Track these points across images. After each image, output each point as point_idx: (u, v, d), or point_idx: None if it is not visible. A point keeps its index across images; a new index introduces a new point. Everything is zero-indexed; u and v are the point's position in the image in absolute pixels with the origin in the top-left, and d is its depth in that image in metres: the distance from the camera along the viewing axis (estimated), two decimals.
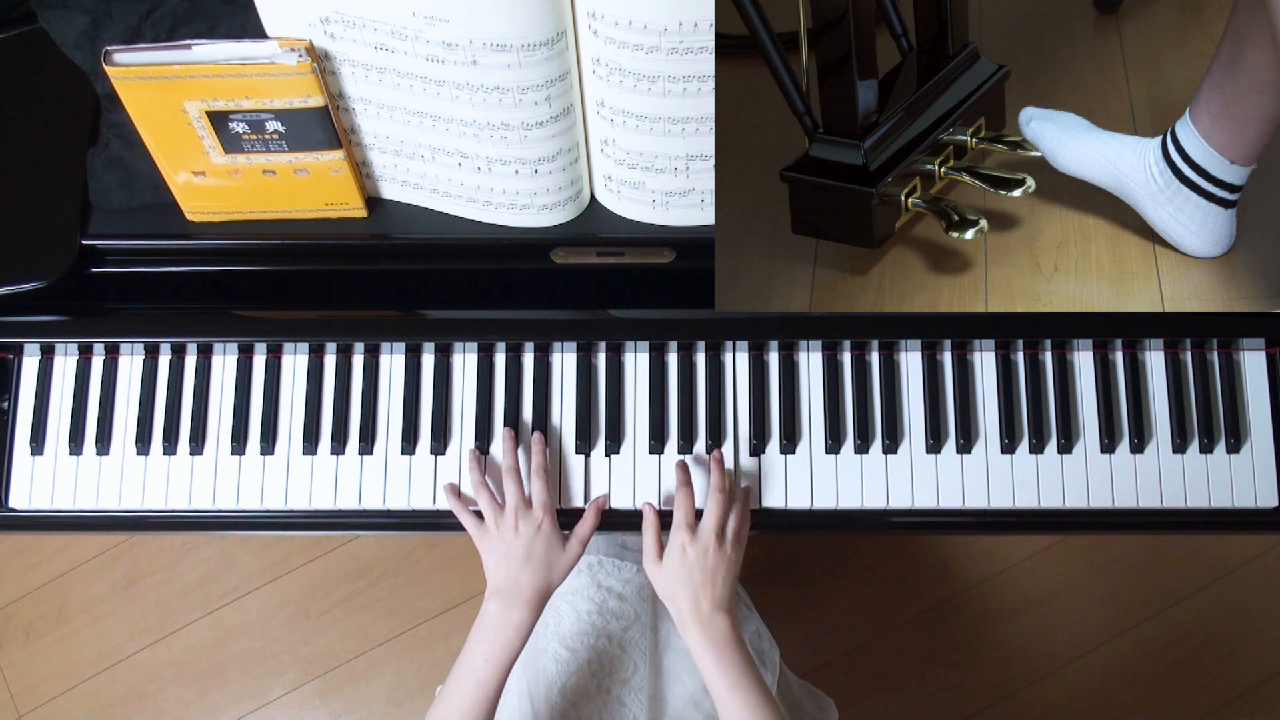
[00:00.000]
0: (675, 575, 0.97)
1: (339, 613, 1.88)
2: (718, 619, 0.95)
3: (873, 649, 1.84)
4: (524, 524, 0.99)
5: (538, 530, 0.99)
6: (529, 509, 1.00)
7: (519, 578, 0.98)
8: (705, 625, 0.95)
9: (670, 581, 0.98)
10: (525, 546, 0.98)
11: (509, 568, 0.98)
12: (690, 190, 0.95)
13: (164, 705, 1.87)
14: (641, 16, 0.79)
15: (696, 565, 0.97)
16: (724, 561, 0.97)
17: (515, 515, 1.00)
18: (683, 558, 0.97)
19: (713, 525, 0.98)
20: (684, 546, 0.98)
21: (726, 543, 0.98)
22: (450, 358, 1.10)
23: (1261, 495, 1.06)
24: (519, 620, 0.96)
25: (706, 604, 0.96)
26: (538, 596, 0.98)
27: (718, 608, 0.96)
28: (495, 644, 0.96)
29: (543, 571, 0.98)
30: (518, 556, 0.98)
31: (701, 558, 0.97)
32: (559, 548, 1.00)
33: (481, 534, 1.01)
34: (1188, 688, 1.83)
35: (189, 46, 0.86)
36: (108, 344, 1.09)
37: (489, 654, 0.96)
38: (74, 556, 1.91)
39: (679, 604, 0.97)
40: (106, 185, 0.99)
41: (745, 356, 1.09)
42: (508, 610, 0.97)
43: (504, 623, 0.96)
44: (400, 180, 0.99)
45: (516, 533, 0.99)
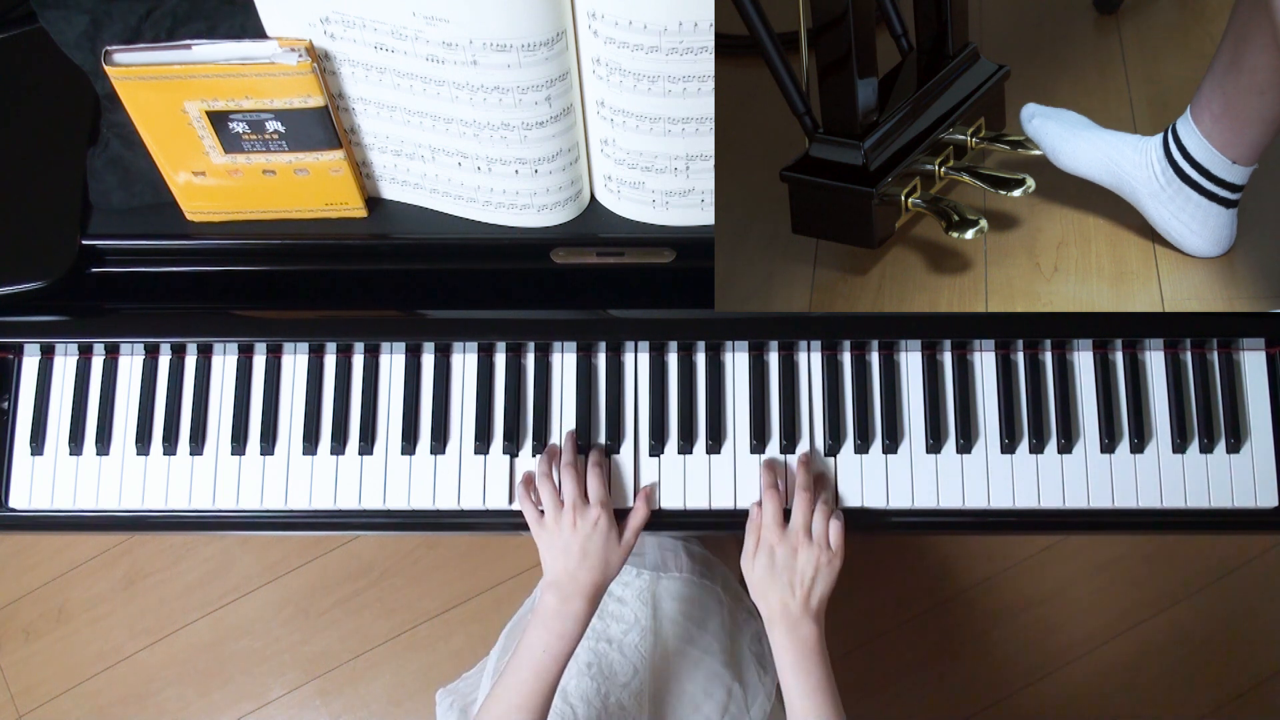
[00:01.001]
0: (765, 575, 0.98)
1: (339, 613, 1.88)
2: (804, 624, 0.96)
3: (873, 649, 1.84)
4: (581, 520, 1.00)
5: (594, 526, 0.99)
6: (586, 505, 1.01)
7: (576, 573, 0.99)
8: (792, 628, 0.96)
9: (761, 581, 0.99)
10: (582, 543, 0.99)
11: (567, 563, 0.99)
12: (690, 190, 0.95)
13: (164, 705, 1.87)
14: (641, 16, 0.79)
15: (785, 565, 0.98)
16: (814, 562, 0.98)
17: (573, 511, 1.00)
18: (771, 557, 0.99)
19: (799, 524, 0.99)
20: (773, 547, 0.99)
21: (815, 543, 0.99)
22: (450, 358, 1.10)
23: (1261, 495, 1.05)
24: (577, 612, 0.97)
25: (796, 606, 0.96)
26: (595, 590, 0.99)
27: (806, 612, 0.96)
28: (554, 634, 0.97)
29: (600, 567, 0.99)
30: (575, 552, 0.99)
31: (790, 557, 0.98)
32: (615, 543, 1.01)
33: (540, 528, 1.02)
34: (1188, 688, 1.83)
35: (189, 46, 0.86)
36: (108, 344, 1.08)
37: (547, 644, 0.97)
38: (74, 556, 1.91)
39: (769, 602, 0.98)
40: (106, 185, 0.99)
41: (745, 356, 1.09)
42: (566, 603, 0.98)
43: (562, 614, 0.97)
44: (400, 180, 0.99)
45: (575, 528, 1.00)
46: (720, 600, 1.20)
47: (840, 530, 1.00)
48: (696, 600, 1.18)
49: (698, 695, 1.10)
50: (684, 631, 1.15)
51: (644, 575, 1.18)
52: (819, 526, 1.00)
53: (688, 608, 1.17)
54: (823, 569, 0.98)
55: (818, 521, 1.00)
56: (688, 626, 1.15)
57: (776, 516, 1.00)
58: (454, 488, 1.07)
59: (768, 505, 1.01)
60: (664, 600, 1.17)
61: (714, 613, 1.18)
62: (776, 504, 1.01)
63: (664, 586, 1.18)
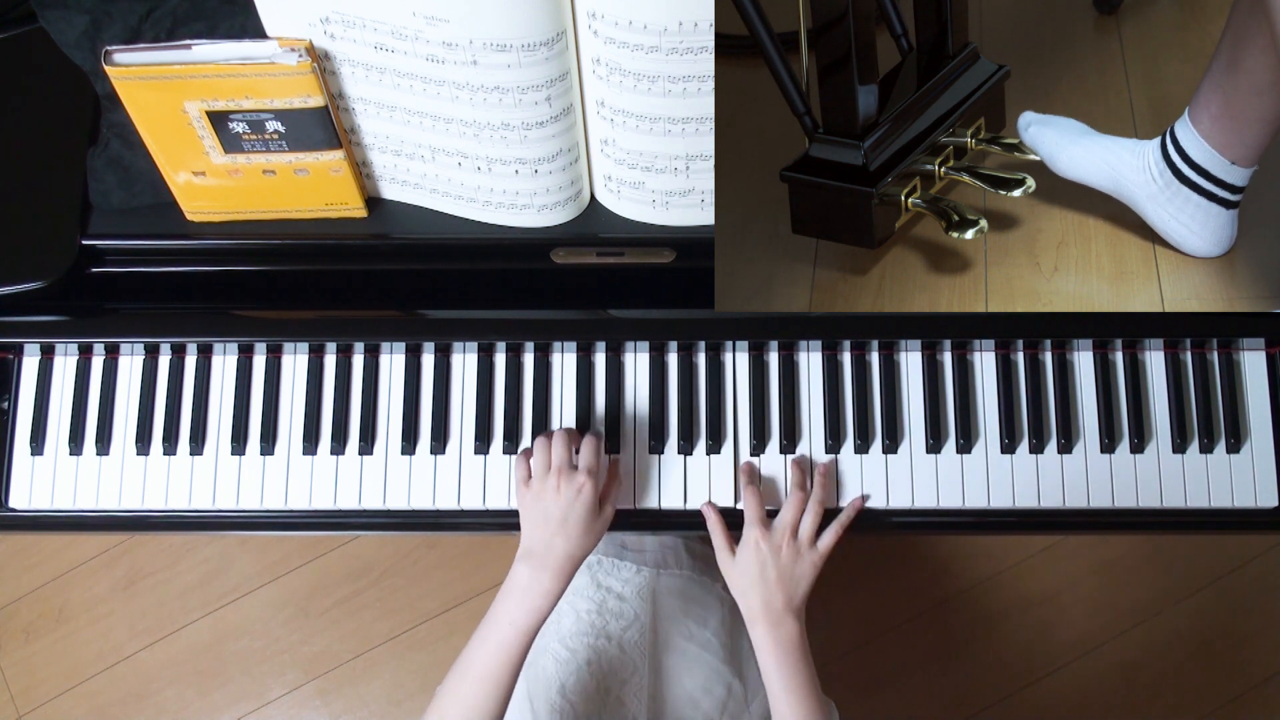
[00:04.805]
0: (748, 572, 0.98)
1: (339, 613, 1.88)
2: (787, 621, 0.96)
3: (873, 649, 1.84)
4: (566, 485, 0.96)
5: (578, 493, 0.96)
6: (573, 472, 0.97)
7: (553, 541, 0.96)
8: (774, 625, 0.95)
9: (742, 578, 0.98)
10: (563, 510, 0.96)
11: (545, 530, 0.96)
12: (690, 190, 0.95)
13: (164, 705, 1.87)
14: (641, 16, 0.79)
15: (770, 562, 0.97)
16: (799, 561, 0.98)
17: (558, 475, 0.97)
18: (755, 554, 0.98)
19: (787, 522, 0.99)
20: (757, 543, 0.98)
21: (802, 542, 0.98)
22: (450, 358, 1.10)
23: (1261, 495, 1.05)
24: (548, 587, 0.95)
25: (779, 603, 0.96)
26: (569, 563, 0.96)
27: (789, 609, 0.96)
28: (521, 608, 0.94)
29: (576, 538, 0.96)
30: (554, 519, 0.96)
31: (774, 555, 0.97)
32: (595, 515, 0.98)
33: (524, 492, 0.99)
34: (1188, 688, 1.83)
35: (189, 46, 0.86)
36: (108, 344, 1.09)
37: (513, 617, 0.94)
38: (74, 556, 1.91)
39: (750, 601, 0.97)
40: (106, 185, 0.99)
41: (745, 356, 1.09)
42: (537, 574, 0.95)
43: (531, 588, 0.95)
44: (400, 180, 0.99)
45: (558, 493, 0.96)
46: (720, 598, 1.20)
47: (834, 535, 1.00)
48: (696, 598, 1.18)
49: (697, 692, 1.10)
50: (684, 629, 1.15)
51: (644, 572, 1.18)
52: (807, 527, 1.00)
53: (688, 605, 1.17)
54: (808, 567, 0.98)
55: (807, 522, 1.00)
56: (687, 624, 1.15)
57: (759, 513, 1.00)
58: (454, 488, 1.07)
59: (751, 502, 1.01)
60: (664, 597, 1.17)
61: (714, 610, 1.18)
62: (758, 502, 1.01)
63: (664, 584, 1.18)
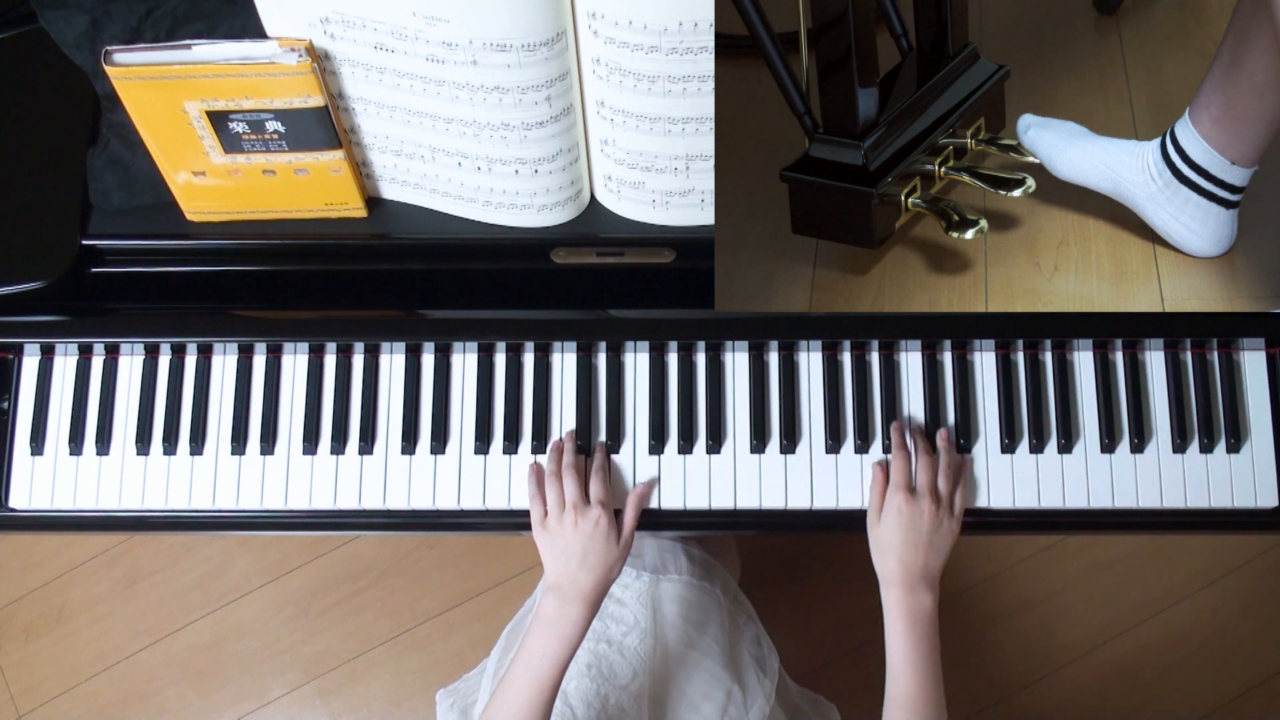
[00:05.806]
0: (890, 533, 0.99)
1: (339, 613, 1.88)
2: (921, 591, 0.97)
3: (873, 649, 1.82)
4: (583, 520, 0.99)
5: (595, 525, 0.99)
6: (588, 506, 1.01)
7: (577, 574, 0.98)
8: (909, 590, 0.97)
9: (885, 537, 0.99)
10: (583, 543, 0.99)
11: (568, 564, 0.99)
12: (690, 190, 0.95)
13: (164, 705, 1.87)
14: (641, 16, 0.80)
15: (911, 525, 0.98)
16: (939, 528, 0.99)
17: (575, 512, 1.00)
18: (898, 516, 0.99)
19: (925, 485, 1.00)
20: (900, 506, 0.99)
21: (942, 508, 0.99)
22: (450, 358, 1.10)
23: (1261, 495, 1.05)
24: (577, 616, 0.97)
25: (917, 569, 0.97)
26: (595, 593, 0.98)
27: (924, 578, 0.97)
28: (552, 639, 0.96)
29: (600, 569, 0.99)
30: (575, 553, 0.98)
31: (917, 518, 0.99)
32: (615, 543, 1.00)
33: (542, 530, 1.02)
34: (1188, 688, 1.83)
35: (189, 46, 0.86)
36: (108, 344, 1.08)
37: (545, 650, 0.96)
38: (74, 556, 1.91)
39: (888, 561, 0.98)
40: (106, 185, 0.99)
41: (745, 356, 1.09)
42: (564, 607, 0.97)
43: (561, 618, 0.97)
44: (400, 180, 0.99)
45: (576, 528, 0.99)
46: (719, 603, 1.20)
47: (962, 500, 1.02)
48: (696, 603, 1.18)
49: (697, 697, 1.10)
50: (683, 634, 1.15)
51: (643, 577, 1.18)
52: (945, 489, 1.01)
53: (687, 610, 1.17)
54: (946, 535, 0.99)
55: (943, 484, 1.01)
56: (687, 629, 1.15)
57: (905, 477, 1.01)
58: (454, 488, 1.07)
59: (898, 466, 1.02)
60: (664, 603, 1.17)
61: (713, 615, 1.18)
62: (906, 464, 1.02)
63: (664, 589, 1.18)
